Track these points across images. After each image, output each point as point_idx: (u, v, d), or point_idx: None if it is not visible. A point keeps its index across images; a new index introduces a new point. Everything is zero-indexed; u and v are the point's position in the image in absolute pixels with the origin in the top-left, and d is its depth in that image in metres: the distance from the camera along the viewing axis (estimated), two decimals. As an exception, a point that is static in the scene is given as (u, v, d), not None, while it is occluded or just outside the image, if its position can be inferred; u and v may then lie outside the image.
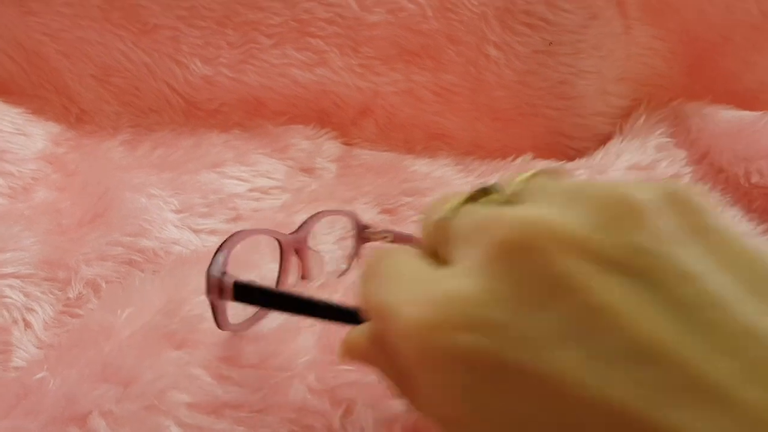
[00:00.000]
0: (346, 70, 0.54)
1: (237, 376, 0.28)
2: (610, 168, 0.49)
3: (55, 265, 0.39)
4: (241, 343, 0.30)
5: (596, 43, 0.53)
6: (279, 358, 0.29)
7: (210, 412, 0.27)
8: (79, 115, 0.55)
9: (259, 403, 0.27)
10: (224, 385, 0.28)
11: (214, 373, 0.29)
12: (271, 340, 0.30)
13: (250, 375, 0.28)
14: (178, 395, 0.28)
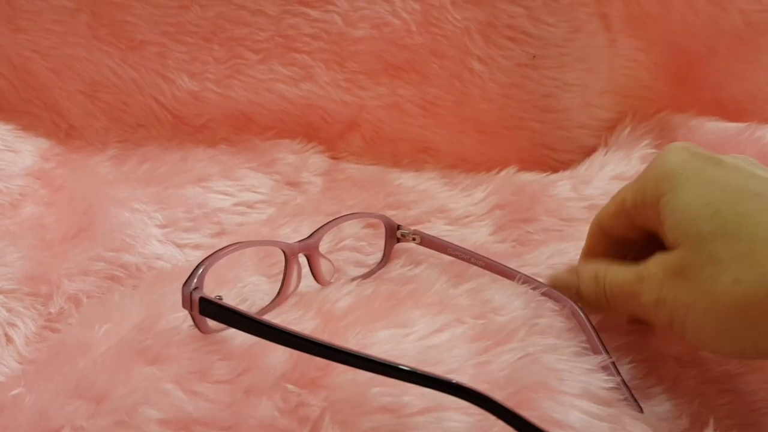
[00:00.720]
0: (332, 84, 0.54)
1: (208, 392, 0.29)
2: (594, 179, 0.49)
3: (38, 280, 0.39)
4: (213, 357, 0.30)
5: (580, 56, 0.53)
6: (250, 375, 0.29)
7: (180, 428, 0.28)
8: (68, 130, 0.56)
9: (229, 420, 0.28)
10: (195, 401, 0.28)
11: (186, 388, 0.29)
12: (243, 356, 0.30)
13: (220, 390, 0.29)
14: (149, 411, 0.28)
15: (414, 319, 0.32)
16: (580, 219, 0.47)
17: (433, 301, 0.35)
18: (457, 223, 0.47)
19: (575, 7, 0.52)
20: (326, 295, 0.36)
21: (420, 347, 0.30)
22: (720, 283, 0.27)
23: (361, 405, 0.27)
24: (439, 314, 0.33)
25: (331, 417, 0.27)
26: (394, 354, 0.30)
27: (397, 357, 0.30)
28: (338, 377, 0.29)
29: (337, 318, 0.33)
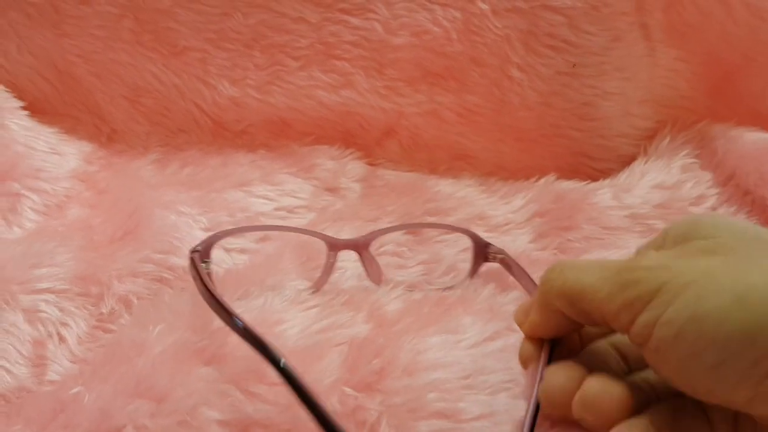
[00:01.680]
0: (370, 91, 0.55)
1: (266, 393, 0.29)
2: (634, 187, 0.49)
3: (89, 281, 0.40)
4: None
5: (620, 65, 0.53)
6: (306, 377, 0.29)
7: (241, 429, 0.28)
8: (110, 134, 0.57)
9: (288, 423, 0.28)
10: (254, 403, 0.29)
11: (243, 389, 0.29)
12: (298, 357, 0.31)
13: (278, 392, 0.29)
14: (209, 412, 0.28)
15: (465, 325, 0.33)
16: (621, 228, 0.47)
17: (482, 308, 0.35)
18: (497, 230, 0.47)
19: (616, 16, 0.52)
20: (376, 298, 0.36)
21: (473, 355, 0.31)
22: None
23: (417, 410, 0.28)
24: (489, 321, 0.33)
25: (387, 420, 0.27)
26: (447, 361, 0.30)
27: (450, 364, 0.30)
28: (394, 382, 0.29)
29: (390, 323, 0.33)
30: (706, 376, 0.22)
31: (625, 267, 0.24)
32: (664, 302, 0.22)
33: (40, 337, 0.37)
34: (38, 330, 0.37)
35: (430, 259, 0.43)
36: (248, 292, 0.37)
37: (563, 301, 0.26)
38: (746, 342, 0.21)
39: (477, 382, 0.29)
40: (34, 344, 0.36)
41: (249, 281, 0.38)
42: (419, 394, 0.28)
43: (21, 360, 0.36)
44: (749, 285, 0.21)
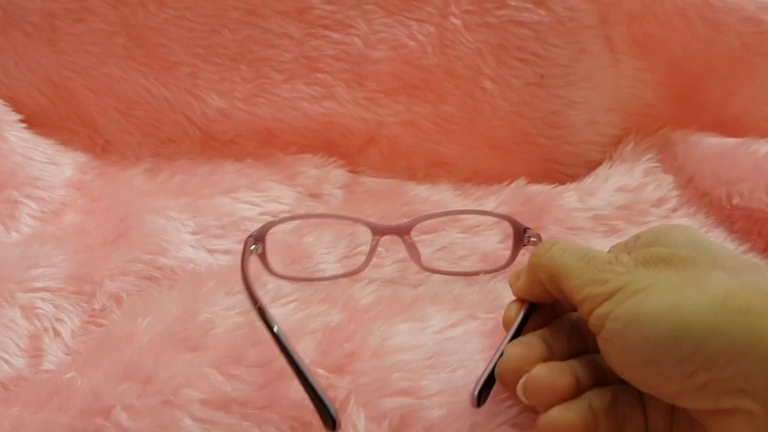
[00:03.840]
0: (352, 103, 0.57)
1: (244, 375, 0.32)
2: (598, 190, 0.52)
3: (82, 280, 0.42)
4: (247, 344, 0.33)
5: (586, 75, 0.56)
6: (282, 360, 0.32)
7: (220, 407, 0.31)
8: (104, 145, 0.60)
9: (264, 400, 0.30)
10: (232, 383, 0.31)
11: (223, 372, 0.32)
12: (275, 343, 0.33)
13: (255, 374, 0.32)
14: (191, 392, 0.31)
15: (430, 314, 0.35)
16: (585, 228, 0.49)
17: (448, 299, 0.38)
18: (470, 231, 0.50)
19: (581, 29, 0.55)
20: (351, 294, 0.39)
21: (437, 339, 0.33)
22: (716, 279, 0.26)
23: (383, 388, 0.30)
24: (453, 311, 0.36)
25: (356, 398, 0.30)
26: (412, 344, 0.33)
27: (415, 347, 0.33)
28: (363, 364, 0.32)
29: (361, 312, 0.36)
30: (642, 370, 0.25)
31: (599, 265, 0.28)
32: (617, 301, 0.26)
33: (36, 331, 0.39)
34: (35, 325, 0.40)
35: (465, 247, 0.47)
36: (233, 290, 0.40)
37: (545, 275, 0.30)
38: (673, 343, 0.24)
39: (439, 362, 0.31)
40: (30, 338, 0.39)
41: (232, 279, 0.41)
42: (385, 374, 0.31)
43: (19, 352, 0.38)
44: (684, 296, 0.25)
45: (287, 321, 0.35)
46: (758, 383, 0.23)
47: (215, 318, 0.35)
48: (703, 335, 0.24)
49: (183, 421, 0.30)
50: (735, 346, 0.23)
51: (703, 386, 0.24)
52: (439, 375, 0.30)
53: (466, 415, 0.29)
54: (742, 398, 0.23)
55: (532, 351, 0.29)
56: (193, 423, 0.30)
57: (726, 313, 0.24)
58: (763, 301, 0.24)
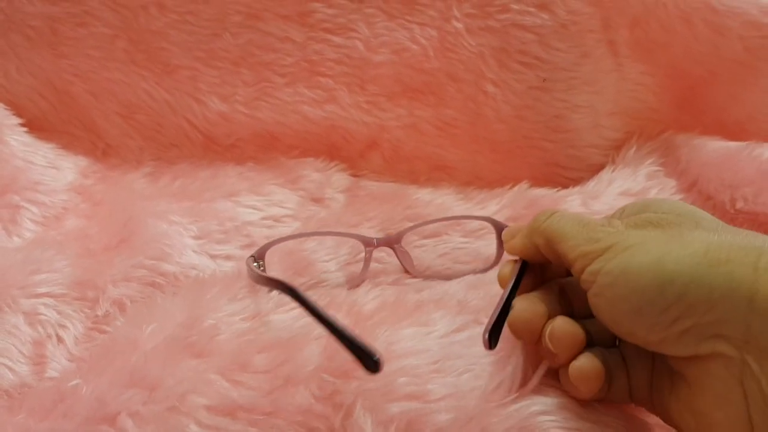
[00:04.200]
0: (353, 106, 0.57)
1: (250, 381, 0.31)
2: (602, 194, 0.52)
3: (85, 286, 0.42)
4: (253, 350, 0.33)
5: (589, 79, 0.56)
6: (288, 366, 0.32)
7: (226, 414, 0.30)
8: (105, 149, 0.59)
9: (270, 406, 0.30)
10: (238, 389, 0.31)
11: (229, 378, 0.32)
12: (281, 348, 0.33)
13: (261, 380, 0.31)
14: (197, 398, 0.31)
15: (435, 319, 0.35)
16: (589, 232, 0.49)
17: (452, 304, 0.37)
18: (472, 235, 0.50)
19: (583, 33, 0.55)
20: (354, 299, 0.39)
21: (442, 344, 0.33)
22: (699, 236, 0.27)
23: (389, 393, 0.30)
24: (458, 315, 0.36)
25: (362, 403, 0.30)
26: (418, 348, 0.32)
27: (420, 351, 0.32)
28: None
29: (366, 317, 0.36)
30: (629, 320, 0.27)
31: (593, 227, 0.30)
32: (608, 258, 0.28)
33: (39, 337, 0.39)
34: (38, 331, 0.39)
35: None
36: (237, 296, 0.40)
37: (542, 239, 0.32)
38: (657, 292, 0.26)
39: (444, 366, 0.31)
40: (34, 344, 0.39)
41: (236, 285, 0.41)
42: (391, 379, 0.31)
43: (22, 359, 0.38)
44: (668, 251, 0.27)
45: (291, 327, 0.35)
46: (735, 328, 0.25)
47: (220, 324, 0.35)
48: (685, 284, 0.26)
49: (189, 427, 0.30)
50: (714, 293, 0.25)
51: (685, 332, 0.26)
52: (445, 379, 0.30)
53: (476, 420, 0.29)
54: (720, 343, 0.25)
55: (538, 306, 0.31)
56: (199, 429, 0.30)
57: (707, 264, 0.26)
58: (740, 253, 0.26)
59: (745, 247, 0.26)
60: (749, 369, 0.25)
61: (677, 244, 0.27)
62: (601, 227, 0.30)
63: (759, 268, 0.25)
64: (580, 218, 0.31)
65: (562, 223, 0.31)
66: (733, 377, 0.25)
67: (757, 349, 0.25)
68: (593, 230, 0.30)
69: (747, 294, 0.25)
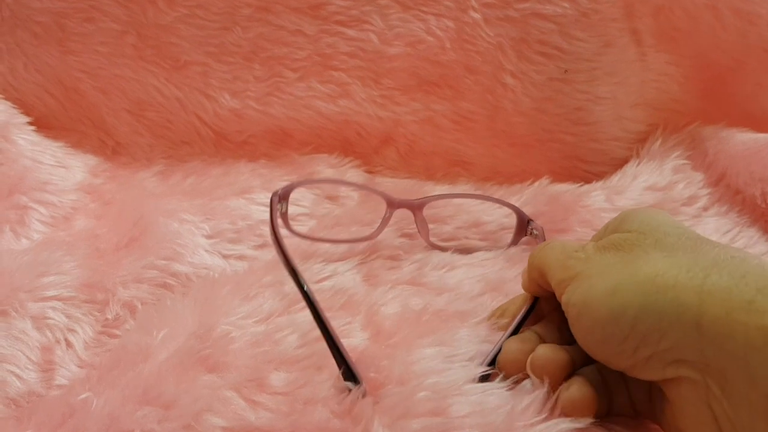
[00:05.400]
0: (367, 101, 0.56)
1: (268, 402, 0.30)
2: (627, 189, 0.50)
3: (94, 288, 0.41)
4: (270, 367, 0.32)
5: (611, 70, 0.54)
6: (307, 388, 0.30)
7: (246, 438, 0.29)
8: (115, 147, 0.58)
9: (289, 428, 0.29)
10: (256, 411, 0.30)
11: (246, 397, 0.30)
12: (300, 367, 0.32)
13: (280, 401, 0.30)
14: (214, 418, 0.29)
15: (460, 339, 0.33)
16: (614, 230, 0.47)
17: (479, 322, 0.36)
18: (490, 238, 0.48)
19: (606, 22, 0.53)
20: (373, 301, 0.37)
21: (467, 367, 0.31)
22: (651, 260, 0.27)
23: (409, 408, 0.29)
24: (484, 342, 0.34)
25: (380, 419, 0.28)
26: (439, 368, 0.31)
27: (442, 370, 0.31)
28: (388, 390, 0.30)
29: (387, 333, 0.34)
30: (600, 348, 0.27)
31: (569, 254, 0.30)
32: (574, 288, 0.28)
33: (48, 343, 0.38)
34: (46, 336, 0.38)
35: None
36: (249, 294, 0.38)
37: (536, 273, 0.33)
38: (613, 323, 0.26)
39: (468, 388, 0.30)
40: (42, 350, 0.38)
41: (247, 282, 0.40)
42: (411, 393, 0.29)
43: (30, 365, 0.37)
44: (620, 280, 0.27)
45: (308, 337, 0.34)
46: (690, 352, 0.25)
47: (233, 330, 0.34)
48: (636, 314, 0.26)
49: (204, 446, 0.28)
50: (663, 320, 0.25)
51: (648, 359, 0.26)
52: (469, 398, 0.29)
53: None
54: (682, 367, 0.25)
55: (527, 344, 0.31)
56: (214, 449, 0.28)
57: (655, 291, 0.25)
58: (686, 276, 0.25)
59: (692, 268, 0.26)
60: (712, 392, 0.24)
61: (629, 272, 0.27)
62: (574, 253, 0.30)
63: (703, 291, 0.24)
64: (564, 245, 0.31)
65: (548, 252, 0.32)
66: (701, 400, 0.25)
67: (716, 371, 0.24)
68: (567, 257, 0.30)
69: (693, 319, 0.24)
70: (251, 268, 0.43)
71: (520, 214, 0.46)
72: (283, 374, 0.31)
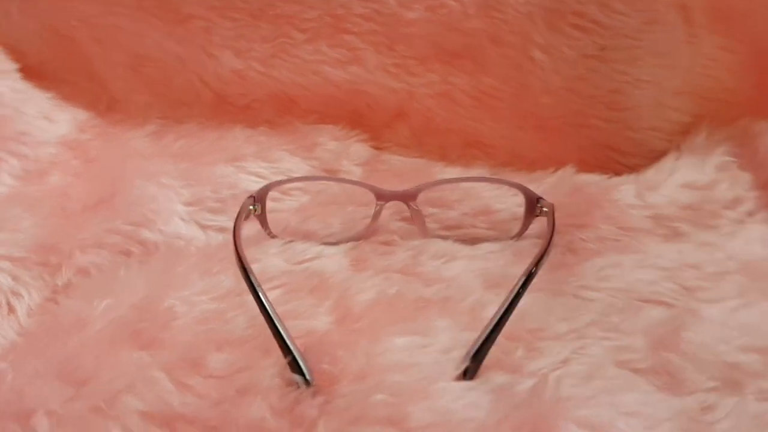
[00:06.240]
0: (380, 69, 0.51)
1: (199, 386, 0.26)
2: (661, 185, 0.44)
3: (49, 250, 0.37)
4: (211, 347, 0.27)
5: (655, 50, 0.48)
6: (247, 374, 0.26)
7: (162, 423, 0.25)
8: (109, 103, 0.55)
9: (216, 419, 0.24)
10: (183, 395, 0.25)
11: (175, 378, 0.26)
12: (246, 348, 0.28)
13: (212, 386, 0.26)
14: (132, 400, 0.25)
15: (437, 328, 0.29)
16: (642, 229, 0.42)
17: (463, 308, 0.31)
18: (498, 227, 0.43)
19: (652, -5, 0.47)
20: (348, 286, 0.33)
21: (439, 361, 0.27)
22: None
23: (361, 413, 0.24)
24: (465, 329, 0.29)
25: (325, 424, 0.24)
26: (406, 364, 0.26)
27: (409, 367, 0.26)
28: (342, 387, 0.25)
29: (354, 317, 0.29)
30: None
31: None
32: None
33: (-13, 305, 0.34)
34: (-12, 298, 0.34)
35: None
36: (212, 270, 0.34)
37: None
38: None
39: (435, 389, 0.25)
40: (-19, 313, 0.34)
41: (216, 257, 0.35)
42: (365, 395, 0.24)
43: (-35, 329, 0.33)
44: None
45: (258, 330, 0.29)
46: None
47: (180, 305, 0.30)
48: None
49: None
50: None
51: None
52: (433, 403, 0.24)
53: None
54: None
55: None
56: (125, 437, 0.24)
57: None
58: None
59: None
60: None
61: None
62: None
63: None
64: None
65: None
66: None
67: None
68: None
69: None
70: (224, 242, 0.39)
71: (528, 193, 0.41)
72: (223, 356, 0.27)
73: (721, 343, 0.31)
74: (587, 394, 0.25)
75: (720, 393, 0.29)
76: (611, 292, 0.36)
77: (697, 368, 0.30)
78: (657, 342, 0.31)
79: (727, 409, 0.28)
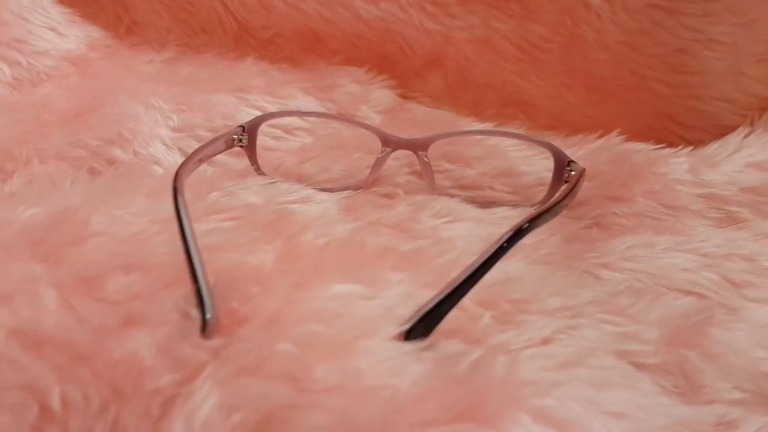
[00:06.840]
0: (415, 6, 0.45)
1: (83, 309, 0.21)
2: (722, 162, 0.37)
3: (6, 156, 0.34)
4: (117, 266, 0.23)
5: (734, 6, 0.40)
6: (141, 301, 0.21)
7: (29, 344, 0.20)
8: (129, 26, 0.51)
9: (86, 349, 0.20)
10: (62, 316, 0.21)
11: (64, 298, 0.22)
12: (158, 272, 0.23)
13: (99, 310, 0.21)
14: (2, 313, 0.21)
15: (388, 280, 0.23)
16: (689, 209, 0.35)
17: (435, 265, 0.25)
18: (522, 192, 0.37)
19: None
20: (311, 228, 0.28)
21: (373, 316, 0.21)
22: None
23: (258, 364, 0.19)
24: (426, 287, 0.23)
25: (212, 371, 0.19)
26: (333, 313, 0.21)
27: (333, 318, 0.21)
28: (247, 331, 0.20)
29: (295, 256, 0.24)
30: None
31: None
32: None
33: None
34: None
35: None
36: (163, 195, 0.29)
37: None
38: None
39: (359, 346, 0.19)
40: None
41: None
42: (268, 345, 0.19)
43: None
44: None
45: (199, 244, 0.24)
46: None
47: (104, 222, 0.25)
48: None
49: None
50: None
51: None
52: (348, 364, 0.18)
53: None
54: None
55: None
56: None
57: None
58: None
59: None
60: None
61: None
62: None
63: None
64: None
65: None
66: None
67: None
68: None
69: None
70: (196, 171, 0.34)
71: (558, 154, 0.35)
72: (125, 278, 0.22)
73: (759, 347, 0.24)
74: (559, 380, 0.19)
75: (747, 407, 0.22)
76: (635, 274, 0.29)
77: (721, 373, 0.23)
78: (674, 335, 0.24)
79: (752, 428, 0.21)
